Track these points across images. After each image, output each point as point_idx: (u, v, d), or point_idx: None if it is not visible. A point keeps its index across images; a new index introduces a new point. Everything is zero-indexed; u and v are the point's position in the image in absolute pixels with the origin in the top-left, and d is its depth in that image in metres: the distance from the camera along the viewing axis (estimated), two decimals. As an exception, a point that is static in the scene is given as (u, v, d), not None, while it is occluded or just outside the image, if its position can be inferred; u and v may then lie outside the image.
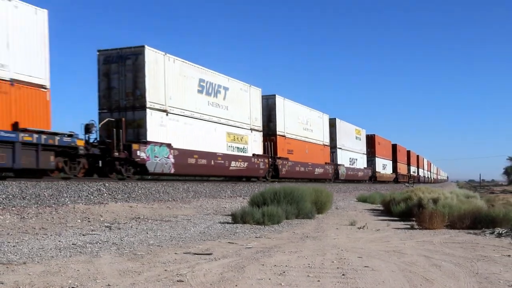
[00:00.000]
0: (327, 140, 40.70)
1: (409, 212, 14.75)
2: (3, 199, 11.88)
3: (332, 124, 42.39)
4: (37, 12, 15.61)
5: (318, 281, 5.84)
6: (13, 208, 11.21)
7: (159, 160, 20.14)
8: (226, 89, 25.69)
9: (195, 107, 22.82)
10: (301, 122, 35.27)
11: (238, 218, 12.40)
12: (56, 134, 15.93)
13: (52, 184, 14.21)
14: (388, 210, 17.61)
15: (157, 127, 20.22)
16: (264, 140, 29.87)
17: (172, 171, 21.13)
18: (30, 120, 15.16)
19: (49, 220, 10.89)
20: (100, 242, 8.59)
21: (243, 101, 27.39)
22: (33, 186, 13.37)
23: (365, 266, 6.77)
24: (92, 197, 14.13)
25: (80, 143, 16.73)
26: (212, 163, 23.77)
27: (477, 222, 11.86)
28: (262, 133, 29.65)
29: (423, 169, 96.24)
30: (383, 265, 6.88)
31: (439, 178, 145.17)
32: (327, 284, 5.71)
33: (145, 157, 19.45)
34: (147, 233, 10.03)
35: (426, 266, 6.87)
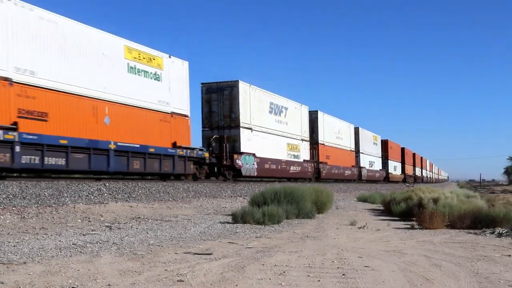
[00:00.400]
0: (352, 146, 47.43)
1: (409, 212, 14.73)
2: (3, 198, 11.89)
3: (356, 132, 49.54)
4: (183, 64, 22.32)
5: (319, 281, 5.84)
6: (13, 208, 11.22)
7: (248, 166, 26.76)
8: (286, 108, 32.44)
9: (267, 124, 29.61)
10: (334, 132, 42.36)
11: (239, 218, 12.39)
12: (193, 149, 22.27)
13: (53, 184, 14.22)
14: (389, 210, 17.59)
15: (246, 141, 26.76)
16: (309, 148, 36.40)
17: (255, 174, 27.61)
18: (181, 140, 21.60)
19: (49, 220, 10.90)
20: (100, 242, 8.59)
21: (296, 117, 34.15)
22: (34, 186, 13.38)
23: (366, 266, 6.77)
24: (92, 197, 14.14)
25: (206, 155, 23.20)
26: (279, 167, 30.63)
27: (478, 222, 11.85)
28: (309, 142, 36.34)
29: (426, 170, 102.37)
30: (383, 265, 6.88)
31: (440, 178, 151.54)
32: (328, 284, 5.71)
33: (241, 164, 26.04)
34: (147, 233, 10.03)
35: (426, 266, 6.87)
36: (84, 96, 16.88)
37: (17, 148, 14.20)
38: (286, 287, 5.55)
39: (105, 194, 14.75)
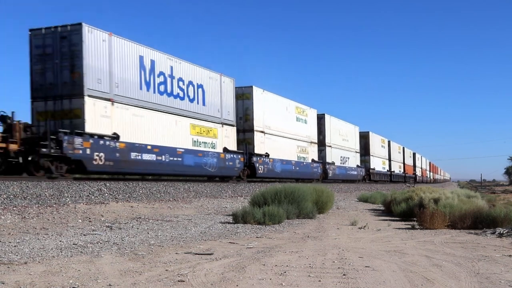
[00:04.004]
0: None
1: (410, 212, 14.70)
2: (4, 199, 11.90)
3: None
4: None
5: (319, 281, 5.84)
6: (14, 208, 11.22)
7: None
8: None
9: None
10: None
11: (239, 218, 12.39)
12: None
13: (53, 184, 14.22)
14: (389, 210, 17.58)
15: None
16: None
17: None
18: None
19: (50, 220, 10.90)
20: (101, 242, 8.60)
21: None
22: (34, 186, 13.39)
23: (366, 266, 6.77)
24: (93, 197, 14.15)
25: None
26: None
27: (478, 222, 11.84)
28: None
29: (434, 173, 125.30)
30: (384, 265, 6.88)
31: (444, 178, 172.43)
32: (328, 284, 5.71)
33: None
34: (148, 233, 10.03)
35: (427, 266, 6.87)
36: None
37: None
38: (287, 287, 5.55)
39: (106, 194, 14.76)
